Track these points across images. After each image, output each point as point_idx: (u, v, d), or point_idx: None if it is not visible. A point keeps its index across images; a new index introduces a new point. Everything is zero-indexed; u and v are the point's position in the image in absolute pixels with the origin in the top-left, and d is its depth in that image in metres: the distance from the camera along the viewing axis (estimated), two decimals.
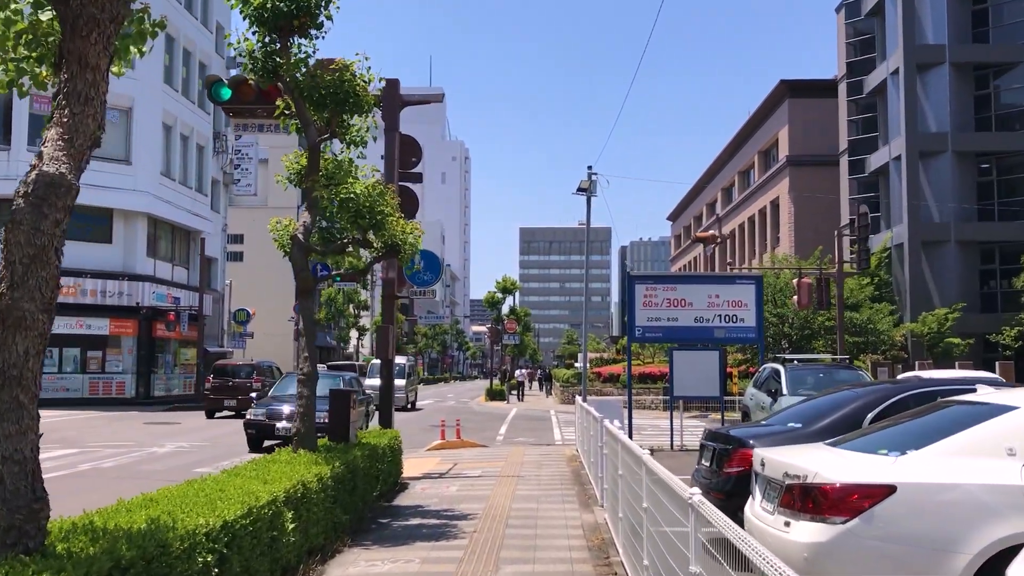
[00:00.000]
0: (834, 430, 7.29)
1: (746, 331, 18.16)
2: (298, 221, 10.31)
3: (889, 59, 40.49)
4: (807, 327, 33.20)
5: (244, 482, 7.24)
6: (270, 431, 17.14)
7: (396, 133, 14.54)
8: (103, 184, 33.84)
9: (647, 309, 18.22)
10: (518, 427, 26.79)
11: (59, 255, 4.41)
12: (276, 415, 17.23)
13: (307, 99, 9.51)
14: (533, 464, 15.66)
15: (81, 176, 4.79)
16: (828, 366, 16.48)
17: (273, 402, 17.89)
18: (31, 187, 4.37)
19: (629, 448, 6.79)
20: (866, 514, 4.86)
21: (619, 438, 7.63)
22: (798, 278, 23.74)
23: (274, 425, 17.02)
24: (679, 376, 18.03)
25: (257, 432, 17.42)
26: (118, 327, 34.80)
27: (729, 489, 7.54)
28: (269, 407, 17.58)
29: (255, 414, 17.62)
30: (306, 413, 9.82)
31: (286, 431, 15.56)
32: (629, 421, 18.27)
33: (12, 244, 4.22)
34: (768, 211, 55.29)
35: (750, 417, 16.83)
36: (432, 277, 14.41)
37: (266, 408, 17.61)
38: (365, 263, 10.81)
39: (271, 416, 17.33)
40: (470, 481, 13.32)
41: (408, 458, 16.79)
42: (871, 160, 42.64)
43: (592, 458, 12.26)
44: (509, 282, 54.66)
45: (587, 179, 20.50)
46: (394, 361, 14.18)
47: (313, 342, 9.98)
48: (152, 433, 22.18)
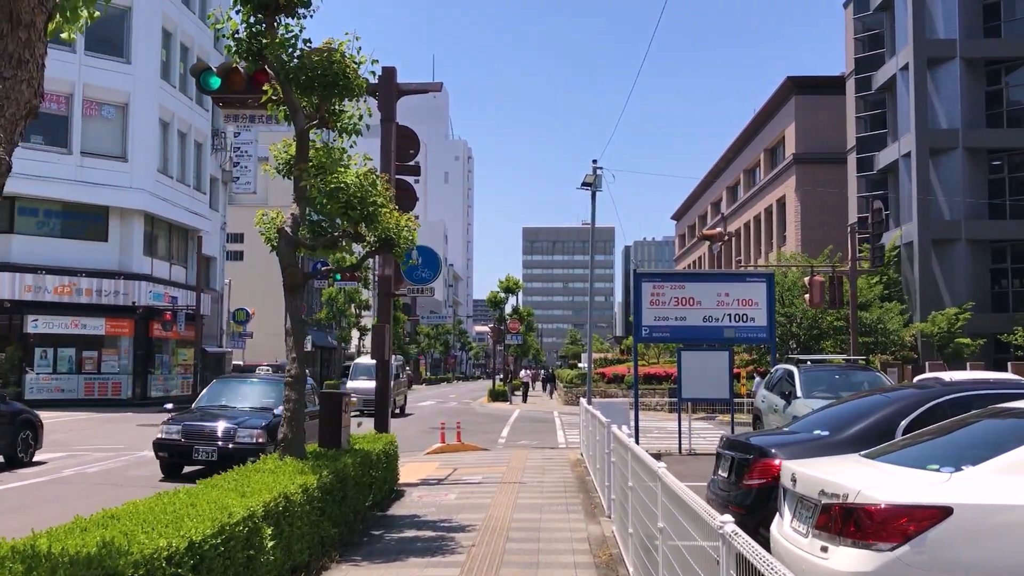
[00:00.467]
0: (865, 439, 6.66)
1: (757, 331, 17.52)
2: (286, 213, 9.71)
3: (898, 54, 39.81)
4: (816, 327, 32.53)
5: (220, 495, 6.62)
6: (187, 455, 13.33)
7: (393, 124, 13.93)
8: (98, 181, 33.35)
9: (654, 308, 17.59)
10: (520, 429, 26.16)
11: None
12: (196, 434, 13.36)
13: (293, 82, 8.90)
14: (536, 469, 15.04)
15: (14, 151, 4.13)
16: (843, 367, 15.84)
17: (194, 417, 13.98)
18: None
19: (642, 460, 6.16)
20: (917, 539, 4.23)
21: (629, 447, 6.99)
22: (810, 276, 23.05)
23: (192, 447, 13.19)
24: (687, 377, 17.38)
25: (171, 455, 13.62)
26: (114, 327, 34.23)
27: (749, 503, 6.91)
28: (187, 424, 13.59)
29: (168, 432, 13.51)
30: (293, 418, 9.21)
31: (210, 455, 13.01)
32: (636, 424, 17.64)
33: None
34: (774, 210, 54.64)
35: (762, 420, 16.18)
36: (431, 274, 13.79)
37: (182, 426, 13.52)
38: (358, 258, 10.17)
39: (189, 435, 13.36)
40: (470, 488, 12.70)
41: (406, 462, 16.18)
42: (880, 157, 41.97)
43: (598, 464, 11.64)
44: (512, 281, 54.03)
45: (592, 174, 19.86)
46: (389, 362, 13.56)
47: (301, 341, 9.37)
48: (145, 436, 21.48)
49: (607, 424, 9.99)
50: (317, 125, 9.61)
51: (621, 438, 7.81)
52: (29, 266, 31.73)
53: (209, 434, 13.32)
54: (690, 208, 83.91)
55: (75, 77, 33.03)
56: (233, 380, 16.35)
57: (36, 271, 31.85)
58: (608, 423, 9.97)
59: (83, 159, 33.10)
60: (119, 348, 34.70)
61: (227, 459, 12.09)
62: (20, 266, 31.58)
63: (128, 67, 34.48)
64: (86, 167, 33.13)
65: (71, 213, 33.58)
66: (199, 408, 14.72)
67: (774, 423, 15.37)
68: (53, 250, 32.60)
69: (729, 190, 67.95)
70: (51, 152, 32.49)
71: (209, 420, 13.69)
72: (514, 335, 51.39)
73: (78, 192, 33.00)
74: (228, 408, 14.43)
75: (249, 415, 13.91)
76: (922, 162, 37.80)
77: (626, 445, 7.24)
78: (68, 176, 32.69)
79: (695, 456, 17.05)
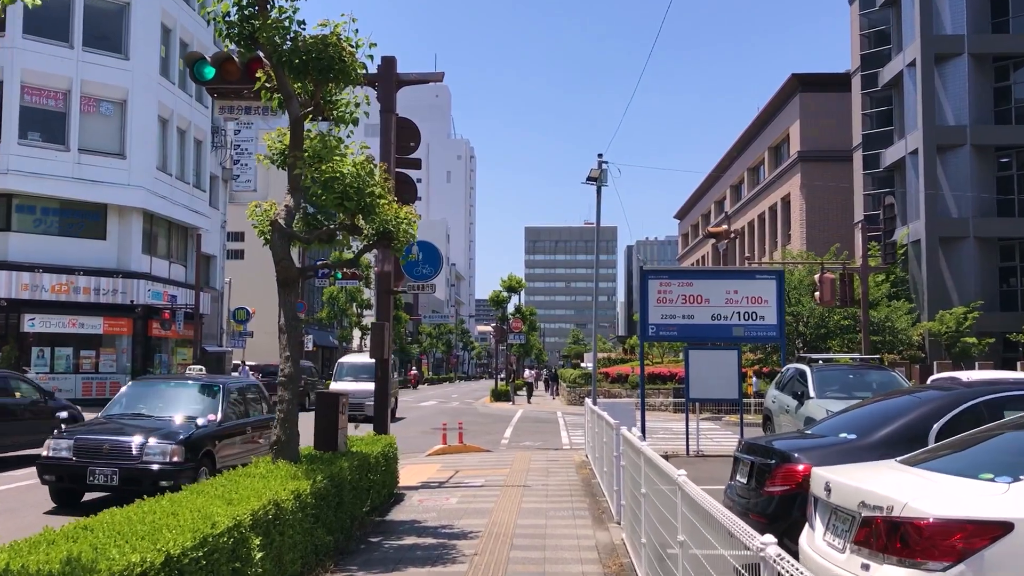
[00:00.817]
0: (895, 443, 6.21)
1: (767, 329, 17.08)
2: (280, 205, 9.29)
3: (905, 50, 39.33)
4: (823, 326, 32.07)
5: (205, 502, 6.20)
6: (80, 478, 10.44)
7: (392, 115, 13.49)
8: (97, 179, 32.91)
9: (661, 306, 17.15)
10: (524, 430, 25.72)
11: None
12: (91, 451, 10.54)
13: (286, 66, 8.45)
14: (540, 471, 14.60)
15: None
16: (856, 367, 15.39)
17: (93, 429, 11.33)
18: None
19: (658, 466, 5.71)
20: (974, 559, 3.78)
21: (642, 451, 6.55)
22: (820, 273, 22.58)
23: (87, 468, 10.33)
24: (695, 377, 16.94)
25: (60, 479, 10.74)
26: (112, 326, 33.79)
27: (771, 512, 6.46)
28: (80, 437, 10.79)
29: (56, 449, 10.69)
30: (286, 419, 8.78)
31: (109, 478, 10.31)
32: (642, 425, 17.19)
33: None
34: (779, 208, 54.18)
35: (772, 421, 15.73)
36: (431, 270, 13.34)
37: (74, 440, 10.70)
38: (356, 252, 9.71)
39: (83, 452, 10.53)
40: (472, 492, 12.27)
41: (407, 464, 15.76)
42: (886, 155, 41.49)
43: (605, 467, 11.21)
44: (515, 280, 53.59)
45: (597, 168, 19.41)
46: (389, 361, 13.12)
47: (296, 340, 8.93)
48: None
49: (616, 426, 9.55)
50: (312, 113, 9.18)
51: (632, 441, 7.37)
52: (26, 264, 31.30)
53: (109, 451, 10.50)
54: (693, 207, 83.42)
55: (72, 73, 32.59)
56: (156, 383, 14.08)
57: (33, 269, 31.43)
58: (617, 425, 9.53)
59: (81, 156, 32.66)
60: (117, 347, 34.26)
61: (131, 483, 10.24)
62: (17, 264, 31.16)
63: (126, 63, 34.05)
64: (84, 164, 32.70)
65: (69, 211, 33.15)
66: (107, 417, 11.93)
67: (785, 424, 14.93)
68: (50, 248, 32.18)
69: (733, 188, 67.48)
70: (48, 149, 32.07)
71: (111, 433, 10.89)
72: (517, 334, 50.93)
73: (76, 190, 32.57)
74: (143, 418, 11.74)
75: (166, 426, 11.27)
76: (929, 159, 37.34)
77: (638, 449, 6.80)
78: (66, 173, 32.27)
79: (703, 458, 16.60)
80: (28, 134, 31.98)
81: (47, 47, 32.13)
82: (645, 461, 6.46)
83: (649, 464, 6.24)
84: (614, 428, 9.56)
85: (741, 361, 17.35)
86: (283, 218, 9.08)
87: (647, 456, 6.29)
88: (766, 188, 56.92)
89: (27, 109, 31.91)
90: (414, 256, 12.80)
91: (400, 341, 73.97)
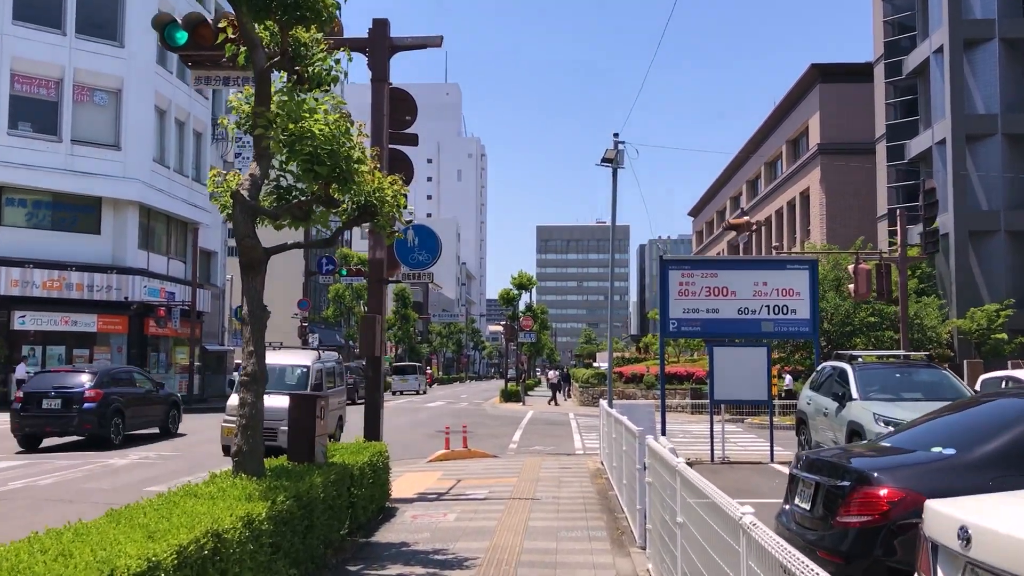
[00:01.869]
0: (1009, 459, 4.79)
1: (798, 324, 15.62)
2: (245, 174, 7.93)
3: (932, 36, 37.73)
4: (848, 323, 30.53)
5: (118, 534, 4.84)
6: None
7: (385, 84, 12.10)
8: (90, 171, 31.70)
9: (683, 299, 15.71)
10: (534, 433, 24.30)
11: None
12: None
13: (245, 3, 7.07)
14: (551, 481, 13.19)
15: None
16: (904, 365, 13.91)
17: None
18: None
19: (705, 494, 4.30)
20: None
21: (679, 471, 5.13)
22: (854, 264, 21.06)
23: None
24: (720, 376, 15.49)
25: None
26: (107, 323, 32.55)
27: (848, 549, 5.05)
28: None
29: None
30: (248, 426, 7.41)
31: None
32: (663, 429, 15.76)
33: None
34: (797, 202, 52.65)
35: (807, 425, 14.26)
36: (429, 257, 11.94)
37: None
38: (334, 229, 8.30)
39: None
40: (473, 506, 10.85)
41: (405, 472, 14.43)
42: (911, 145, 39.90)
43: (625, 479, 9.79)
44: (525, 278, 52.13)
45: (613, 148, 17.98)
46: (381, 360, 11.73)
47: (260, 332, 7.56)
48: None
49: (639, 435, 8.13)
50: (279, 64, 7.80)
51: (664, 456, 5.95)
52: (16, 260, 30.06)
53: None
54: (708, 204, 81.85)
55: (65, 61, 31.39)
56: None
57: (24, 265, 30.21)
58: (640, 433, 8.11)
59: (74, 147, 31.45)
60: (112, 346, 33.01)
61: None
62: (7, 259, 29.93)
63: (121, 51, 32.80)
64: (77, 156, 31.48)
65: (61, 204, 31.93)
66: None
67: (822, 429, 13.48)
68: (42, 243, 30.96)
69: (749, 184, 65.93)
70: (40, 140, 30.88)
71: None
72: (527, 333, 49.45)
73: (69, 182, 31.35)
74: None
75: None
76: (958, 149, 35.77)
77: (672, 467, 5.38)
78: (58, 165, 31.07)
79: (730, 465, 15.16)
80: (19, 124, 30.79)
81: (38, 33, 30.93)
82: (683, 483, 5.05)
83: (690, 488, 4.82)
84: (637, 437, 8.13)
85: (771, 359, 15.89)
86: (246, 189, 7.72)
87: (687, 478, 4.87)
88: (784, 182, 55.38)
89: (17, 98, 30.73)
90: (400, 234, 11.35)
91: (409, 340, 72.67)
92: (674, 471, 5.39)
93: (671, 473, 5.61)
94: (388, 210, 7.92)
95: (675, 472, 5.30)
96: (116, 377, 19.48)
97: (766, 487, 12.58)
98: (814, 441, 13.88)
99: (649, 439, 7.17)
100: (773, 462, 15.44)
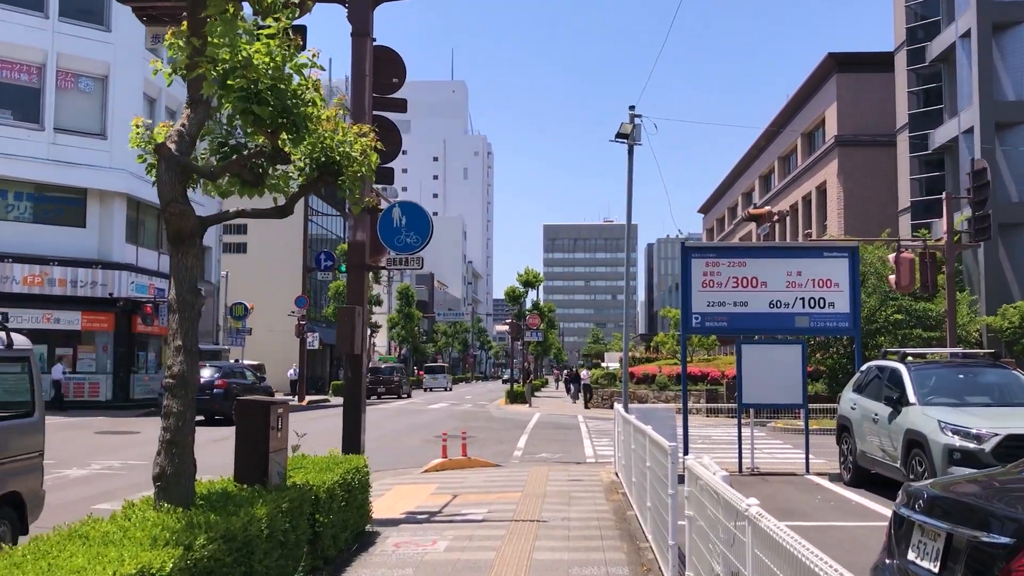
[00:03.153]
0: None
1: (837, 319, 13.93)
2: (176, 124, 6.33)
3: (958, 20, 35.93)
4: (873, 320, 28.79)
5: None
6: None
7: (367, 40, 10.46)
8: (74, 161, 30.18)
9: (707, 291, 14.04)
10: (541, 438, 22.64)
11: None
12: None
13: None
14: (559, 497, 11.54)
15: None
16: (966, 364, 12.22)
17: None
18: None
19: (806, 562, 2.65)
20: None
21: (753, 518, 3.46)
22: (896, 253, 19.35)
23: None
24: (750, 377, 13.82)
25: None
26: (91, 321, 31.00)
27: None
28: None
29: None
30: (175, 441, 5.81)
31: None
32: (684, 435, 14.10)
33: None
34: (813, 197, 50.85)
35: (850, 432, 12.57)
36: (419, 239, 10.28)
37: None
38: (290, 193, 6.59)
39: None
40: (469, 530, 9.20)
41: (396, 485, 12.83)
42: (935, 135, 38.09)
43: (650, 502, 8.13)
44: (532, 275, 50.51)
45: (629, 123, 16.28)
46: (363, 358, 10.08)
47: (192, 322, 5.96)
48: (95, 446, 18.32)
49: (670, 452, 6.46)
50: None
51: (719, 489, 4.28)
52: None
53: None
54: (718, 200, 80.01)
55: (47, 45, 29.87)
56: None
57: (2, 259, 28.71)
58: (672, 450, 6.45)
59: (56, 136, 29.93)
60: (97, 345, 31.47)
61: None
62: None
63: (108, 35, 31.24)
64: (60, 145, 29.96)
65: (44, 196, 30.41)
66: None
67: (871, 437, 11.79)
68: (23, 236, 29.44)
69: (762, 179, 64.12)
70: (20, 128, 29.36)
71: None
72: (534, 331, 47.76)
73: (51, 172, 29.82)
74: None
75: None
76: (987, 138, 33.96)
77: (741, 511, 3.71)
78: (39, 154, 29.55)
79: (762, 477, 13.47)
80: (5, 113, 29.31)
81: (19, 16, 29.40)
82: (762, 539, 3.39)
83: (775, 550, 3.17)
84: (669, 455, 6.45)
85: (806, 358, 14.20)
86: (174, 142, 6.09)
87: (773, 538, 3.21)
88: (799, 176, 53.60)
89: (6, 85, 29.24)
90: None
91: (413, 340, 71.02)
92: (742, 516, 3.73)
93: (732, 515, 3.95)
94: (355, 169, 6.27)
95: (745, 520, 3.64)
96: (233, 371, 27.45)
97: (810, 505, 10.92)
98: (858, 450, 12.20)
99: (689, 460, 5.51)
100: (809, 473, 13.77)
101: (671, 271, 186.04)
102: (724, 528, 4.34)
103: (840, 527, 9.51)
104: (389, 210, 10.29)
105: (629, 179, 16.45)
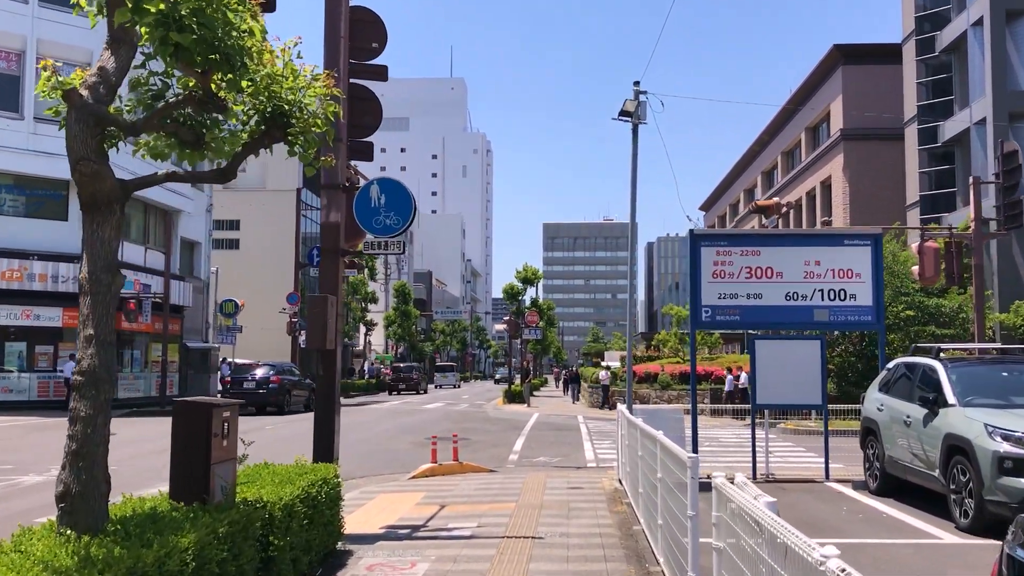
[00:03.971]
0: None
1: (859, 312, 12.84)
2: (93, 68, 5.26)
3: (970, 8, 34.86)
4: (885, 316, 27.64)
5: None
6: None
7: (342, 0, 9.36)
8: (56, 151, 28.93)
9: (718, 282, 12.95)
10: (538, 440, 21.56)
11: None
12: None
13: None
14: (557, 507, 10.44)
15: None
16: (1008, 361, 11.13)
17: None
18: None
19: None
20: None
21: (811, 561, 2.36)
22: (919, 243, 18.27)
23: None
24: (764, 376, 12.74)
25: None
26: (73, 318, 29.74)
27: None
28: None
29: None
30: (80, 452, 4.74)
31: None
32: (694, 438, 13.01)
33: None
34: (818, 192, 49.79)
35: (877, 436, 11.47)
36: (400, 221, 9.19)
37: None
38: (230, 155, 5.47)
39: None
40: (455, 549, 8.11)
41: (381, 493, 11.78)
42: (945, 128, 37.01)
43: (661, 519, 7.02)
44: (531, 271, 49.44)
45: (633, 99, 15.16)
46: (337, 353, 8.98)
47: (106, 307, 4.86)
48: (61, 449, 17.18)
49: (689, 465, 5.35)
50: None
51: (773, 529, 3.19)
52: None
53: None
54: (720, 197, 78.95)
55: (27, 31, 28.79)
56: None
57: None
58: (691, 463, 5.34)
59: (37, 126, 28.81)
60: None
61: None
62: None
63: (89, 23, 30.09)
64: (41, 135, 28.83)
65: (23, 187, 29.31)
66: None
67: (901, 441, 10.70)
68: (1, 229, 28.34)
69: (765, 175, 63.05)
70: None
71: None
72: (532, 329, 46.64)
73: (31, 163, 28.73)
74: None
75: None
76: (1000, 130, 32.82)
77: (813, 565, 2.61)
78: (19, 145, 28.48)
79: (778, 484, 12.38)
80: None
81: None
82: None
83: None
84: (688, 467, 5.34)
85: (825, 355, 13.12)
86: (88, 87, 5.02)
87: None
88: (804, 171, 52.53)
89: None
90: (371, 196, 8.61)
91: (410, 338, 69.87)
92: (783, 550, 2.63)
93: (799, 568, 2.85)
94: (307, 121, 5.17)
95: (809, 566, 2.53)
96: (284, 368, 30.97)
97: (837, 518, 9.84)
98: (887, 456, 11.11)
99: (718, 480, 4.42)
100: (829, 480, 12.68)
101: (671, 269, 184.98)
102: (763, 564, 3.24)
103: (876, 545, 8.43)
104: (367, 188, 9.18)
105: (634, 162, 15.35)
